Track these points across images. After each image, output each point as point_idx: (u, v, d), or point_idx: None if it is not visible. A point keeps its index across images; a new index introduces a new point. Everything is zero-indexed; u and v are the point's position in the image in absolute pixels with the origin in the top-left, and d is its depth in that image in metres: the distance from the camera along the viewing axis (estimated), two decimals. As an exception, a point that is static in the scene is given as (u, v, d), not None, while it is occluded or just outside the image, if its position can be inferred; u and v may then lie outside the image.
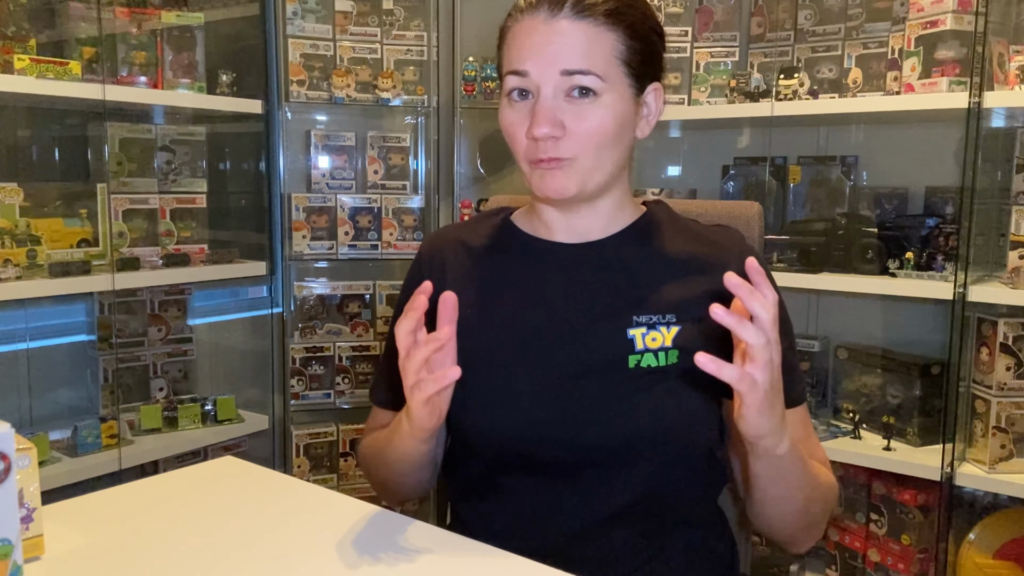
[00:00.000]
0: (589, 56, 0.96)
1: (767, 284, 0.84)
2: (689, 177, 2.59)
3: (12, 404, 2.11)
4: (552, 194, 1.00)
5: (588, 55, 0.96)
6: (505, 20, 1.03)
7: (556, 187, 1.00)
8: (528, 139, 0.99)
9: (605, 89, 0.97)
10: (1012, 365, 1.84)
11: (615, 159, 1.01)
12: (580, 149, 0.98)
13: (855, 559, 2.14)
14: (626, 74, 0.99)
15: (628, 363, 0.99)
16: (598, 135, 0.98)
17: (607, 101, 0.98)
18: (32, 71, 1.83)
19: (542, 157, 0.98)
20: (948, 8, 1.88)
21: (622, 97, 0.99)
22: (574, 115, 0.97)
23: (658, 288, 1.03)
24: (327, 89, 2.44)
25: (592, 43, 0.97)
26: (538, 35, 0.97)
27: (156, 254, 2.18)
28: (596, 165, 1.00)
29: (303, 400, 2.51)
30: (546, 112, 0.97)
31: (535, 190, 1.02)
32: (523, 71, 0.98)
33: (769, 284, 0.85)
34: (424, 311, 0.90)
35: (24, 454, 0.83)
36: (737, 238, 1.08)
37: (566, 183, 1.00)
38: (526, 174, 1.02)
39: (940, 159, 2.14)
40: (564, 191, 1.00)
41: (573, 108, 0.97)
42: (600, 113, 0.98)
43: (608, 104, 0.98)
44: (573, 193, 1.01)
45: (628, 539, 1.02)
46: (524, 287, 1.07)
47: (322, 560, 0.87)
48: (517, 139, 1.01)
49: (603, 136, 0.98)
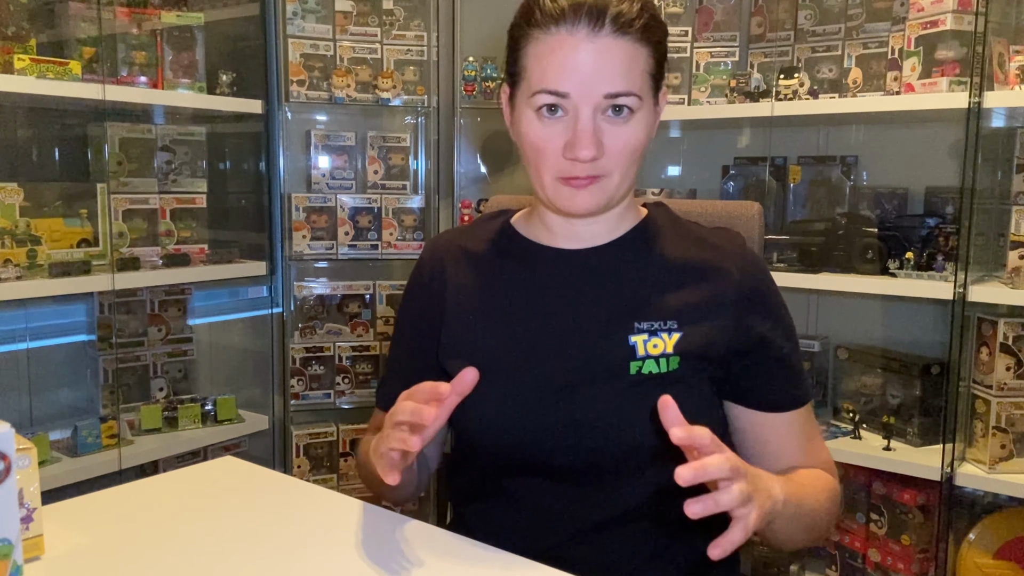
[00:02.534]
0: (629, 76, 0.95)
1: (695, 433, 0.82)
2: (689, 177, 2.59)
3: (12, 404, 2.10)
4: (579, 211, 1.00)
5: (628, 75, 0.95)
6: (524, 28, 0.99)
7: (586, 205, 0.99)
8: (566, 159, 0.97)
9: (640, 106, 0.97)
10: (1012, 365, 1.84)
11: (636, 170, 1.02)
12: (614, 166, 0.98)
13: (855, 559, 2.14)
14: (652, 87, 0.99)
15: (629, 369, 0.99)
16: (632, 151, 0.98)
17: (640, 117, 0.98)
18: (32, 71, 1.83)
19: (578, 175, 0.97)
20: (948, 8, 1.88)
21: (650, 110, 1.00)
22: (611, 134, 0.96)
23: (659, 294, 1.03)
24: (327, 89, 2.44)
25: (631, 62, 0.95)
26: (580, 53, 0.94)
27: (156, 254, 2.18)
28: (624, 179, 1.00)
29: (303, 400, 2.51)
30: (589, 135, 0.95)
31: (557, 205, 1.01)
32: (563, 92, 0.95)
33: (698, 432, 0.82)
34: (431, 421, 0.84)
35: (24, 454, 0.83)
36: (738, 241, 1.08)
37: (596, 200, 0.99)
38: (546, 187, 1.00)
39: (940, 159, 2.14)
40: (593, 208, 1.00)
41: (610, 127, 0.96)
42: (634, 130, 0.97)
43: (641, 120, 0.98)
44: (600, 209, 1.01)
45: (629, 541, 1.02)
46: (525, 293, 1.07)
47: (322, 560, 0.87)
48: (547, 155, 0.98)
49: (636, 152, 0.99)
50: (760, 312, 1.03)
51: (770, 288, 1.06)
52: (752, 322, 1.02)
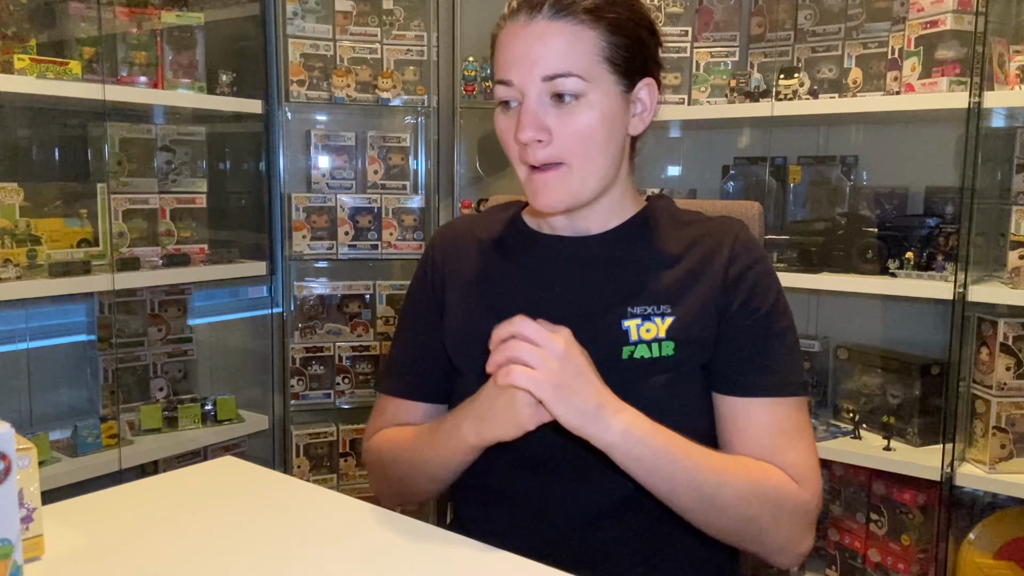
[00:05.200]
0: (569, 57, 0.96)
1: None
2: (689, 177, 2.59)
3: (12, 404, 2.10)
4: (545, 207, 1.01)
5: (568, 56, 0.96)
6: (497, 27, 1.03)
7: (548, 201, 1.00)
8: (518, 144, 0.99)
9: (589, 89, 0.96)
10: (1012, 365, 1.84)
11: (607, 160, 1.01)
12: (569, 152, 0.98)
13: (855, 559, 2.14)
14: (611, 71, 0.98)
15: (622, 354, 0.99)
16: (586, 136, 0.97)
17: (592, 101, 0.97)
18: (32, 71, 1.83)
19: (533, 163, 0.98)
20: (948, 8, 1.88)
21: (608, 95, 0.98)
22: (559, 118, 0.97)
23: (653, 279, 1.03)
24: (327, 89, 2.44)
25: (572, 43, 0.96)
26: (519, 41, 0.97)
27: (156, 254, 2.18)
28: (588, 169, 0.99)
29: (303, 400, 2.51)
30: (529, 117, 0.96)
31: (532, 201, 1.02)
32: (507, 80, 0.98)
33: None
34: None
35: (24, 454, 0.83)
36: (736, 226, 1.06)
37: (558, 196, 0.99)
38: (524, 182, 1.02)
39: (940, 159, 2.14)
40: (558, 204, 1.00)
41: (558, 111, 0.97)
42: (586, 114, 0.97)
43: (593, 104, 0.97)
44: (565, 207, 1.01)
45: (627, 536, 1.02)
46: (522, 281, 1.08)
47: (322, 560, 0.87)
48: (510, 145, 1.01)
49: (591, 137, 0.98)
50: (743, 292, 1.01)
51: (762, 272, 1.03)
52: (732, 301, 1.00)
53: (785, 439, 0.99)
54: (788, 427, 1.00)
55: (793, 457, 0.98)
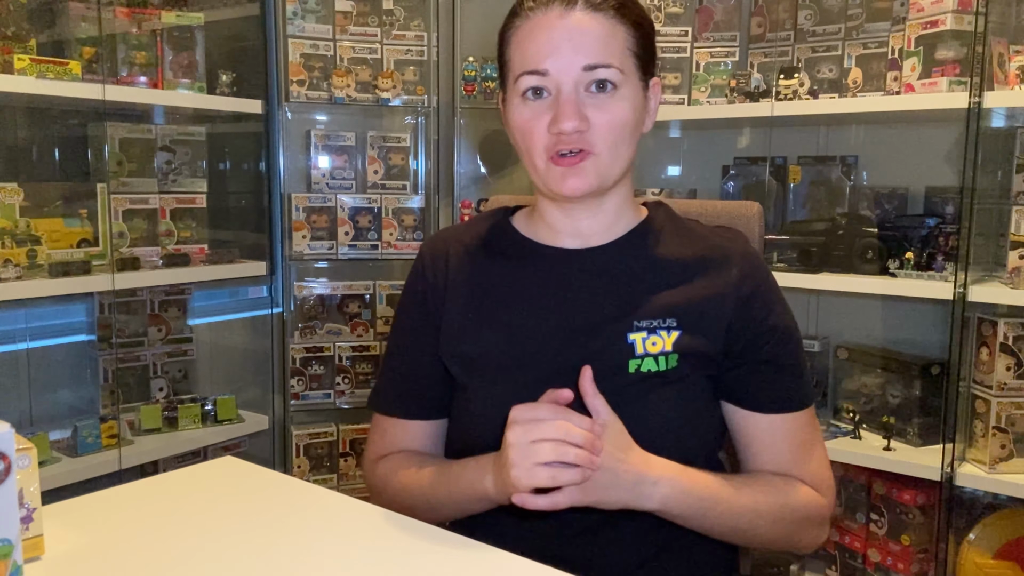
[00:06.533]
0: (608, 49, 0.97)
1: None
2: (689, 177, 2.59)
3: (12, 404, 2.10)
4: (570, 191, 1.00)
5: (607, 48, 0.97)
6: (507, 22, 1.03)
7: (577, 185, 0.99)
8: (551, 134, 0.98)
9: (623, 82, 0.98)
10: (1012, 365, 1.84)
11: (629, 153, 1.02)
12: (601, 141, 0.99)
13: (855, 559, 2.14)
14: (637, 67, 1.01)
15: (628, 368, 0.99)
16: (619, 127, 0.99)
17: (625, 94, 0.99)
18: (32, 71, 1.82)
19: (565, 151, 0.98)
20: (948, 8, 1.88)
21: (636, 90, 1.01)
22: (596, 108, 0.98)
23: (659, 292, 1.03)
24: (327, 89, 2.44)
25: (609, 36, 0.98)
26: (555, 31, 0.97)
27: (156, 254, 2.18)
28: (614, 159, 1.00)
29: (303, 400, 2.51)
30: (572, 106, 0.97)
31: (551, 187, 1.02)
32: (542, 70, 0.98)
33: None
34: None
35: (24, 454, 0.83)
36: (740, 240, 1.08)
37: (587, 181, 1.00)
38: (539, 172, 1.02)
39: (940, 159, 2.14)
40: (585, 188, 1.00)
41: (594, 101, 0.98)
42: (620, 106, 0.99)
43: (627, 97, 0.99)
44: (592, 188, 1.01)
45: (628, 540, 1.02)
46: (524, 292, 1.07)
47: (322, 560, 0.87)
48: (534, 136, 1.00)
49: (623, 128, 0.99)
50: (758, 312, 1.03)
51: (770, 288, 1.06)
52: (748, 322, 1.02)
53: (804, 451, 1.05)
54: (806, 436, 1.05)
55: (813, 467, 1.05)
